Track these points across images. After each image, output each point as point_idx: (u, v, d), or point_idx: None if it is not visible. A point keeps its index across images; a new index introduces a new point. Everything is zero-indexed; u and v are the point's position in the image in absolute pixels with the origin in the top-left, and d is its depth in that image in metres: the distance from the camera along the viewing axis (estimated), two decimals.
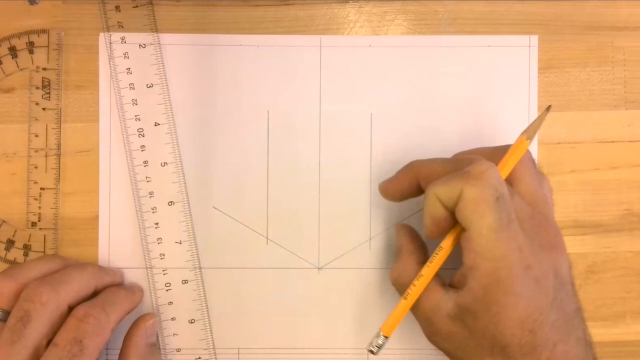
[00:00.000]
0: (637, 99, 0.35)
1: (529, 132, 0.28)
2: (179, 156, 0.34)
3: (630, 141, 0.35)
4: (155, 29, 0.34)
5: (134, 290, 0.33)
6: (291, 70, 0.34)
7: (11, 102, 0.34)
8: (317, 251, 0.34)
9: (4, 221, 0.34)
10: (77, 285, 0.30)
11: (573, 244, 0.34)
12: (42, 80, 0.34)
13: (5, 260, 0.34)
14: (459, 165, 0.28)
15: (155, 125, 0.33)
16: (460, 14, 0.34)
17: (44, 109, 0.34)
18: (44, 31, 0.34)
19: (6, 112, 0.34)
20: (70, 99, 0.34)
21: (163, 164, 0.33)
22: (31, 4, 0.34)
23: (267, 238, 0.34)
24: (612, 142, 0.35)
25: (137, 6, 0.33)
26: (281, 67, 0.34)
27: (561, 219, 0.34)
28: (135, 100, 0.33)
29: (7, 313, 0.29)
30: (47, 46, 0.34)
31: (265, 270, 0.34)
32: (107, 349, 0.33)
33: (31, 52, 0.34)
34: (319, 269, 0.34)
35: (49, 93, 0.33)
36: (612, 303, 0.35)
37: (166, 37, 0.34)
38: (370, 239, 0.34)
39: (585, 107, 0.35)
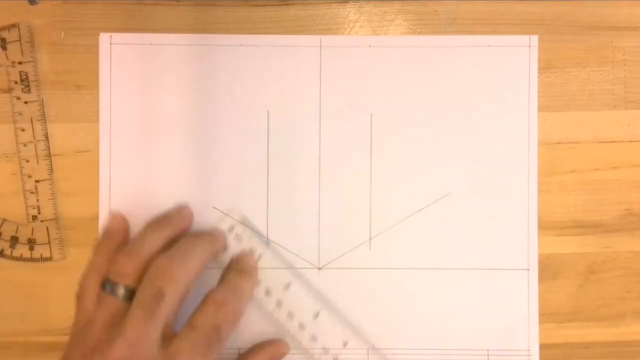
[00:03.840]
0: (637, 99, 0.35)
1: None
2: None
3: (630, 141, 0.35)
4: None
5: (252, 273, 0.32)
6: (291, 70, 0.34)
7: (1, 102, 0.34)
8: (317, 251, 0.34)
9: (4, 220, 0.34)
10: (202, 257, 0.30)
11: (573, 244, 0.34)
12: (20, 74, 0.34)
13: (12, 258, 0.34)
14: None
15: None
16: (460, 14, 0.34)
17: (25, 102, 0.34)
18: (13, 26, 0.34)
19: None
20: (70, 99, 0.34)
21: None
22: (31, 4, 0.34)
23: (267, 238, 0.34)
24: (612, 142, 0.35)
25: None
26: (281, 67, 0.34)
27: (561, 219, 0.34)
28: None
29: (132, 291, 0.29)
30: (19, 40, 0.34)
31: (265, 270, 0.34)
32: None
33: (4, 48, 0.34)
34: (319, 269, 0.34)
35: (28, 86, 0.34)
36: (612, 303, 0.35)
37: (166, 37, 0.34)
38: (370, 239, 0.34)
39: (585, 107, 0.35)
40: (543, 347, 0.34)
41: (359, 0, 0.35)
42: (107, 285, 0.29)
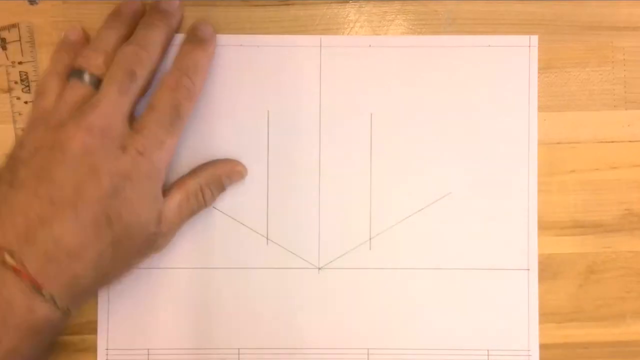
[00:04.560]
0: (637, 99, 0.35)
1: None
2: None
3: (630, 141, 0.35)
4: None
5: (208, 43, 0.33)
6: (291, 70, 0.34)
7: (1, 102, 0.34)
8: (317, 251, 0.34)
9: None
10: (162, 39, 0.32)
11: (573, 244, 0.34)
12: (20, 74, 0.34)
13: None
14: None
15: None
16: (460, 14, 0.34)
17: (25, 102, 0.34)
18: (13, 26, 0.34)
19: None
20: None
21: None
22: (31, 4, 0.34)
23: (267, 238, 0.34)
24: (612, 142, 0.35)
25: None
26: (281, 67, 0.34)
27: (561, 219, 0.34)
28: None
29: (100, 80, 0.30)
30: (19, 40, 0.34)
31: (265, 270, 0.34)
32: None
33: (4, 48, 0.34)
34: (319, 269, 0.34)
35: (28, 86, 0.34)
36: (612, 303, 0.35)
37: None
38: (370, 239, 0.34)
39: (585, 107, 0.35)
40: (543, 347, 0.34)
41: (359, 0, 0.35)
42: (74, 73, 0.30)
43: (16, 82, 0.34)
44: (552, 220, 0.34)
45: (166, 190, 0.31)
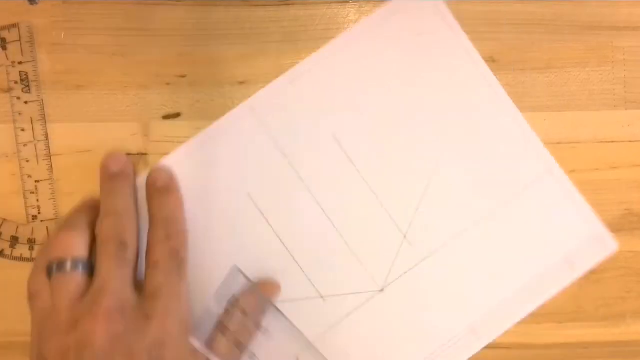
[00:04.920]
0: (637, 99, 0.35)
1: None
2: None
3: (630, 141, 0.35)
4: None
5: (172, 187, 0.32)
6: (244, 148, 0.33)
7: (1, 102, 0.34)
8: (368, 277, 0.33)
9: (4, 220, 0.34)
10: (133, 204, 0.31)
11: None
12: (20, 74, 0.34)
13: (12, 258, 0.34)
14: None
15: None
16: (460, 14, 0.34)
17: (25, 102, 0.34)
18: (13, 26, 0.34)
19: None
20: (70, 99, 0.34)
21: None
22: (31, 4, 0.34)
23: (321, 297, 0.33)
24: (612, 142, 0.35)
25: None
26: (235, 149, 0.33)
27: None
28: None
29: (84, 263, 0.29)
30: (19, 40, 0.34)
31: (335, 324, 0.33)
32: None
33: (4, 48, 0.34)
34: (381, 291, 0.33)
35: (28, 86, 0.34)
36: (612, 303, 0.35)
37: None
38: (405, 237, 0.33)
39: (585, 107, 0.35)
40: (543, 347, 0.34)
41: (359, 0, 0.35)
42: (54, 267, 0.29)
43: (16, 82, 0.34)
44: None
45: (209, 340, 0.30)
